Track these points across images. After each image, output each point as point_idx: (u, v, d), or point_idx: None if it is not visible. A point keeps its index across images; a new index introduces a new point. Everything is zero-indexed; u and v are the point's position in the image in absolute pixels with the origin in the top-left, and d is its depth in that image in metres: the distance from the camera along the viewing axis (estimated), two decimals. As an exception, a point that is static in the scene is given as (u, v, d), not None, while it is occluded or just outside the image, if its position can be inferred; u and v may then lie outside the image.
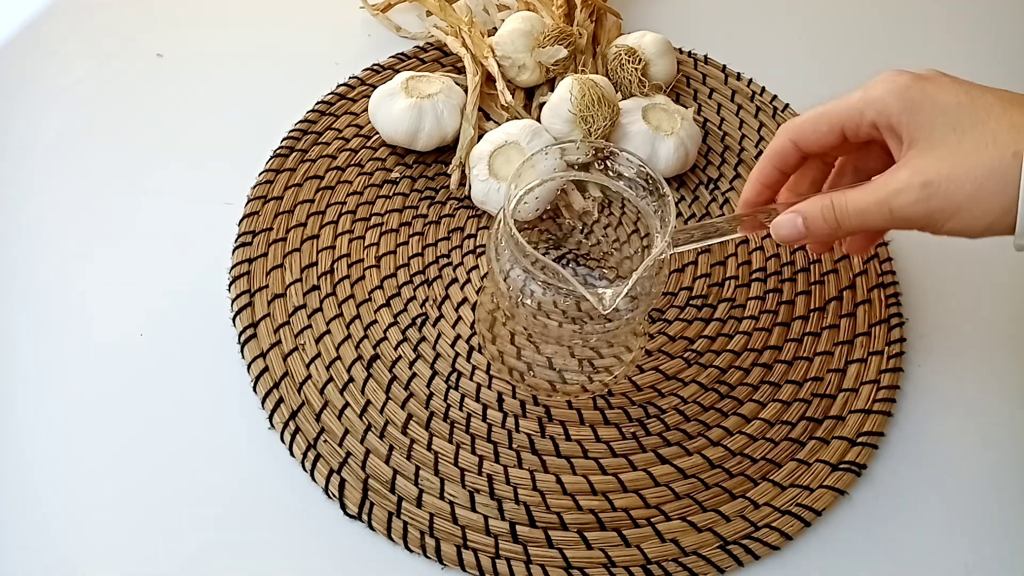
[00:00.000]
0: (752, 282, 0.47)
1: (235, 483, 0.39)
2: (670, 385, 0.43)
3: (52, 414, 0.40)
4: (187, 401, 0.41)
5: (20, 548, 0.36)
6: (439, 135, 0.50)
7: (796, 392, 0.43)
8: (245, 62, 0.56)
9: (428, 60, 0.57)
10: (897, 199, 0.31)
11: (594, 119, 0.48)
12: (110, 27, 0.58)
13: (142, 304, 0.44)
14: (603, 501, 0.39)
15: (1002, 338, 0.47)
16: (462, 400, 0.42)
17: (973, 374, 0.45)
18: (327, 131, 0.52)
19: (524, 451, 0.40)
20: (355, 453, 0.39)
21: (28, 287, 0.44)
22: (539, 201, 0.42)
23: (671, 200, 0.35)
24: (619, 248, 0.44)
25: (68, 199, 0.48)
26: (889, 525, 0.40)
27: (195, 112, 0.53)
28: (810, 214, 0.33)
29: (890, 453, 0.42)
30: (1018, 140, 0.29)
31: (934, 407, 0.44)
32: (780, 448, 0.41)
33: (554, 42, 0.52)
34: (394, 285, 0.46)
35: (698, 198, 0.51)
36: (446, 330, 0.44)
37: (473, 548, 0.37)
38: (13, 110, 0.52)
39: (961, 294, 0.48)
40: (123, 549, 0.37)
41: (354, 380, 0.42)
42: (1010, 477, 0.41)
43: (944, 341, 0.46)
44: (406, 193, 0.50)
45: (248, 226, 0.47)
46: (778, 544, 0.38)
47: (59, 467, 0.39)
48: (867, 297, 0.47)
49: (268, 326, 0.43)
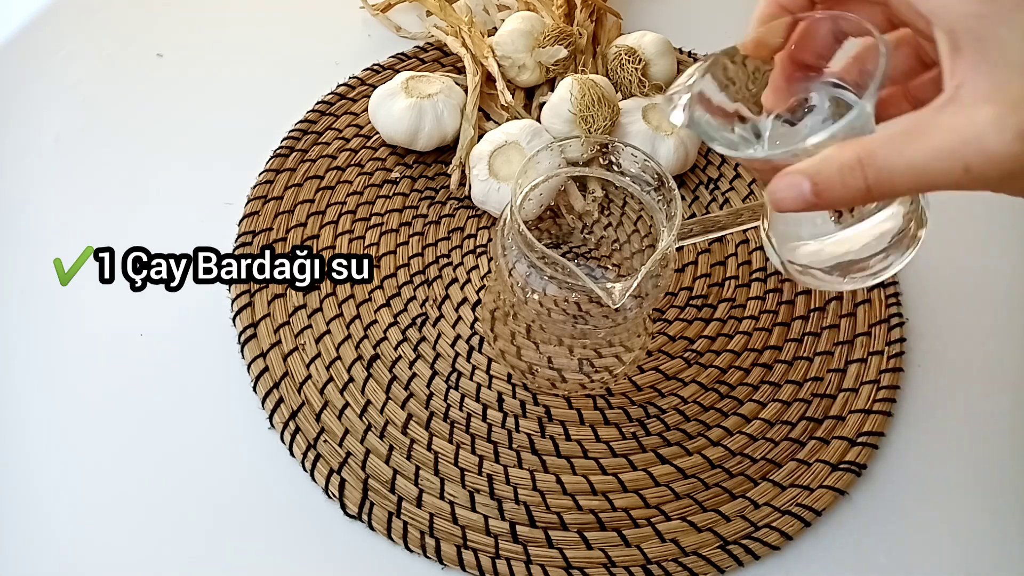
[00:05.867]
0: (752, 282, 0.47)
1: (235, 483, 0.39)
2: (670, 385, 0.43)
3: (52, 414, 0.40)
4: (187, 401, 0.41)
5: (20, 548, 0.36)
6: (439, 135, 0.50)
7: (796, 392, 0.43)
8: (245, 62, 0.56)
9: (428, 60, 0.57)
10: (981, 151, 0.22)
11: (594, 119, 0.48)
12: (110, 27, 0.58)
13: (142, 304, 0.44)
14: (603, 501, 0.39)
15: (1002, 338, 0.47)
16: (462, 400, 0.42)
17: (973, 374, 0.45)
18: (327, 131, 0.52)
19: (524, 451, 0.40)
20: (355, 453, 0.39)
21: (28, 287, 0.44)
22: (542, 199, 0.42)
23: (677, 194, 0.35)
24: (620, 248, 0.44)
25: (68, 199, 0.48)
26: (889, 525, 0.40)
27: (195, 112, 0.53)
28: (823, 176, 0.24)
29: (890, 453, 0.42)
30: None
31: (934, 407, 0.44)
32: (780, 448, 0.41)
33: (554, 42, 0.52)
34: (394, 285, 0.46)
35: (698, 198, 0.51)
36: (446, 330, 0.44)
37: (473, 548, 0.37)
38: (13, 110, 0.52)
39: (961, 294, 0.48)
40: (123, 549, 0.36)
41: (354, 380, 0.42)
42: (1010, 477, 0.41)
43: (944, 341, 0.46)
44: (406, 193, 0.50)
45: (248, 226, 0.47)
46: (778, 544, 0.38)
47: (59, 467, 0.39)
48: (867, 297, 0.47)
49: (268, 326, 0.43)
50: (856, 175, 0.23)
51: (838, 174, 0.24)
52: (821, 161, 0.24)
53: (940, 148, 0.22)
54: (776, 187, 0.25)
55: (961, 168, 0.22)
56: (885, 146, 0.23)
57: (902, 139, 0.23)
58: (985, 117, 0.22)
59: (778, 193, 0.25)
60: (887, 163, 0.23)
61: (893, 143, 0.23)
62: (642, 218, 0.43)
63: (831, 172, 0.24)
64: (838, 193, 0.24)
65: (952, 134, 0.22)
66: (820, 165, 0.24)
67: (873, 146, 0.23)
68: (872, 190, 0.23)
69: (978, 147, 0.22)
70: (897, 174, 0.23)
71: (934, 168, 0.22)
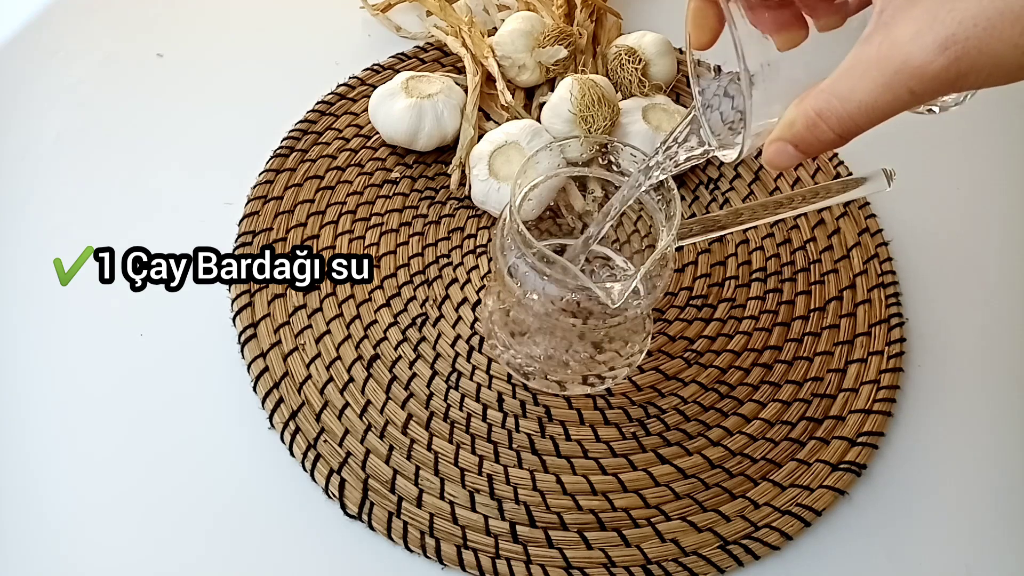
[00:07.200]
0: (752, 282, 0.47)
1: (235, 483, 0.39)
2: (670, 385, 0.43)
3: (52, 414, 0.40)
4: (187, 401, 0.41)
5: (20, 548, 0.36)
6: (439, 135, 0.50)
7: (796, 392, 0.43)
8: (245, 62, 0.56)
9: (428, 60, 0.57)
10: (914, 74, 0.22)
11: (594, 119, 0.48)
12: (110, 27, 0.58)
13: (142, 304, 0.44)
14: (603, 501, 0.39)
15: (1002, 338, 0.47)
16: (462, 400, 0.42)
17: (973, 374, 0.45)
18: (327, 131, 0.52)
19: (524, 451, 0.40)
20: (355, 453, 0.39)
21: (28, 287, 0.44)
22: (541, 199, 0.42)
23: (677, 194, 0.35)
24: (619, 248, 0.44)
25: (68, 199, 0.48)
26: (889, 525, 0.40)
27: (195, 112, 0.53)
28: (799, 137, 0.26)
29: (890, 453, 0.42)
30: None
31: (934, 407, 0.44)
32: (780, 448, 0.41)
33: (554, 42, 0.52)
34: (394, 285, 0.46)
35: (698, 198, 0.51)
36: (446, 330, 0.44)
37: (473, 548, 0.37)
38: (13, 110, 0.52)
39: (961, 294, 0.48)
40: (123, 549, 0.37)
41: (354, 380, 0.42)
42: (1010, 477, 0.41)
43: (944, 341, 0.46)
44: (406, 193, 0.50)
45: (248, 226, 0.47)
46: (778, 544, 0.38)
47: (59, 467, 0.39)
48: (867, 297, 0.47)
49: (268, 326, 0.43)
50: (822, 128, 0.25)
51: (809, 132, 0.25)
52: (790, 125, 0.26)
53: (879, 83, 0.23)
54: (768, 155, 0.27)
55: (907, 93, 0.23)
56: (834, 93, 0.24)
57: (846, 81, 0.24)
58: (906, 37, 0.22)
59: (772, 160, 0.27)
60: (842, 111, 0.24)
61: (840, 88, 0.24)
62: (642, 218, 0.43)
63: (802, 132, 0.25)
64: (817, 146, 0.26)
65: (886, 64, 0.23)
66: (793, 128, 0.26)
67: (822, 98, 0.24)
68: (843, 136, 0.25)
69: (910, 71, 0.22)
70: (855, 117, 0.24)
71: (884, 101, 0.23)
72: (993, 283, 0.49)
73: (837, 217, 0.50)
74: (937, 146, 0.55)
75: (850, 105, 0.24)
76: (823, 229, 0.50)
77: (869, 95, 0.23)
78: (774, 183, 0.52)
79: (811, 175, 0.52)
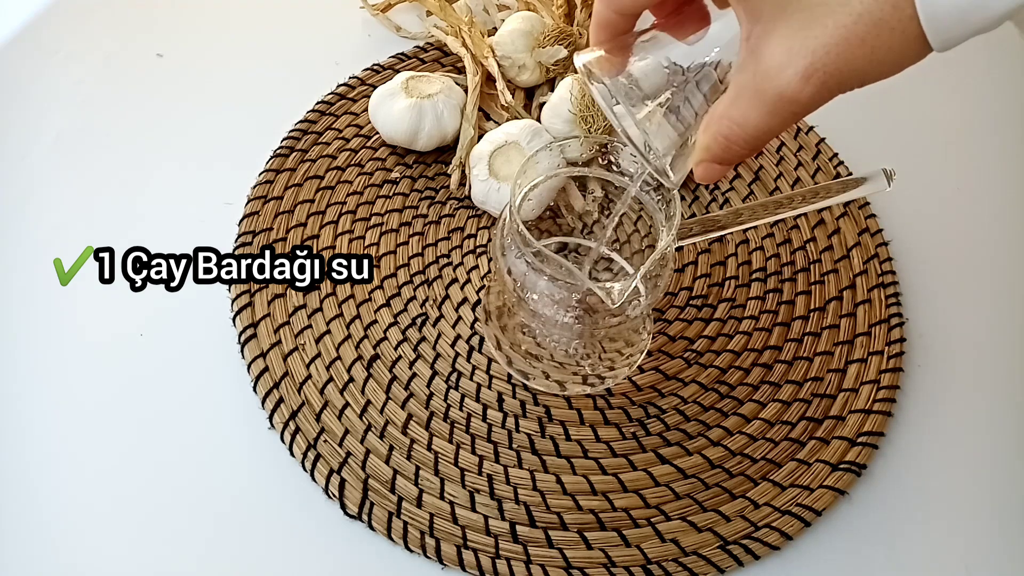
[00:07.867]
0: (752, 282, 0.47)
1: (235, 484, 0.39)
2: (670, 385, 0.43)
3: (52, 414, 0.40)
4: (187, 401, 0.41)
5: (20, 551, 0.36)
6: (439, 135, 0.50)
7: (796, 392, 0.43)
8: (245, 62, 0.56)
9: (428, 60, 0.57)
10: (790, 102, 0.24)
11: (594, 119, 0.48)
12: (110, 27, 0.58)
13: (142, 304, 0.44)
14: (603, 501, 0.39)
15: (1002, 338, 0.47)
16: (462, 400, 0.42)
17: (973, 374, 0.45)
18: (327, 131, 0.52)
19: (524, 451, 0.40)
20: (355, 453, 0.39)
21: (28, 287, 0.44)
22: (541, 199, 0.42)
23: (676, 194, 0.35)
24: (619, 248, 0.44)
25: (68, 199, 0.48)
26: (889, 525, 0.40)
27: (195, 112, 0.53)
28: (720, 156, 0.28)
29: (890, 453, 0.42)
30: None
31: (934, 407, 0.44)
32: (780, 448, 0.41)
33: (554, 42, 0.52)
34: (394, 285, 0.46)
35: (698, 198, 0.51)
36: (446, 330, 0.44)
37: (473, 548, 0.37)
38: (13, 110, 0.52)
39: (961, 294, 0.48)
40: (123, 549, 0.36)
41: (354, 380, 0.42)
42: (1010, 477, 0.41)
43: (944, 341, 0.46)
44: (406, 193, 0.50)
45: (248, 226, 0.47)
46: (778, 544, 0.38)
47: (59, 469, 0.39)
48: (867, 297, 0.47)
49: (268, 326, 0.43)
50: (734, 148, 0.27)
51: (724, 152, 0.28)
52: (707, 149, 0.28)
53: (765, 111, 0.25)
54: (699, 175, 0.29)
55: (791, 116, 0.25)
56: (732, 120, 0.26)
57: (738, 109, 0.26)
58: (774, 70, 0.24)
59: (704, 177, 0.29)
60: (743, 134, 0.26)
61: (735, 115, 0.26)
62: (642, 218, 0.43)
63: (719, 153, 0.28)
64: (736, 159, 0.28)
65: (764, 95, 0.25)
66: (711, 152, 0.28)
67: (724, 125, 0.27)
68: (754, 149, 0.27)
69: (786, 101, 0.24)
70: (758, 136, 0.26)
71: (775, 123, 0.25)
72: (993, 283, 0.49)
73: (837, 217, 0.50)
74: (937, 146, 0.55)
75: (748, 129, 0.26)
76: (823, 229, 0.50)
77: (761, 120, 0.26)
78: (774, 183, 0.52)
79: (811, 175, 0.52)
